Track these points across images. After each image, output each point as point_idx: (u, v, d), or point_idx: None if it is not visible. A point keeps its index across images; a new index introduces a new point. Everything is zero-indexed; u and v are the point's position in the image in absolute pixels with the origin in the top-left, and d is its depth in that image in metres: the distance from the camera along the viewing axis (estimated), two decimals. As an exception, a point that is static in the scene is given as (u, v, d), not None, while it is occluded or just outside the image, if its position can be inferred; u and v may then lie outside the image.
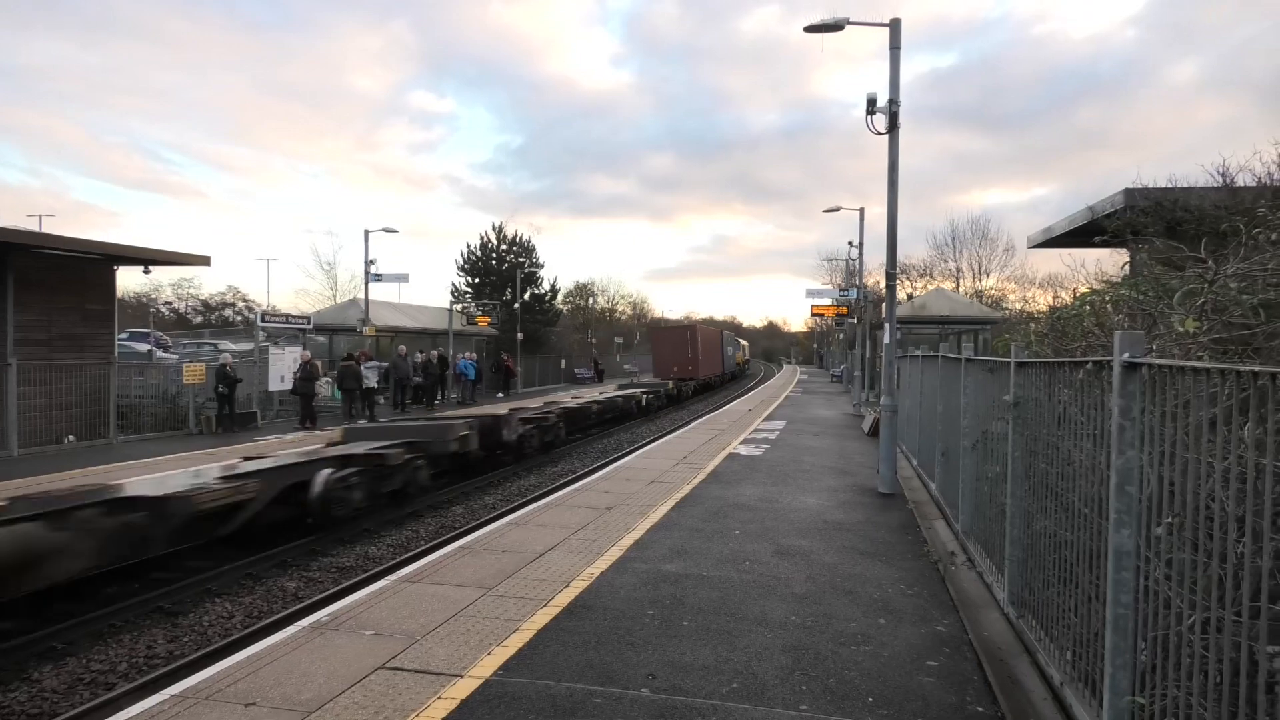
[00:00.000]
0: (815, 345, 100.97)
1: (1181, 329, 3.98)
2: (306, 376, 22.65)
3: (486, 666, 5.18)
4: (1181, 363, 3.14)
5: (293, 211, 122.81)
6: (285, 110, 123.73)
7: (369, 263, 32.25)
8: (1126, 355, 3.44)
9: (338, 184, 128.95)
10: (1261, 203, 5.01)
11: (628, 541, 8.50)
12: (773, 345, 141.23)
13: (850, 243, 34.44)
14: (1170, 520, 3.13)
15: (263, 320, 26.97)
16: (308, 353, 23.76)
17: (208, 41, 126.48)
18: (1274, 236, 4.07)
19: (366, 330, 30.72)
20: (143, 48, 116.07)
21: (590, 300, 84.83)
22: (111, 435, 19.13)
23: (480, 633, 5.80)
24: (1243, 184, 7.61)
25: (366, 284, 32.74)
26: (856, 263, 33.42)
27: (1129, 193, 9.86)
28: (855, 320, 34.72)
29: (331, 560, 10.57)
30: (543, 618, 6.12)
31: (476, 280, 59.82)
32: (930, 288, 48.26)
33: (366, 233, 32.10)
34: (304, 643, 5.65)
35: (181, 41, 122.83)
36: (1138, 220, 7.93)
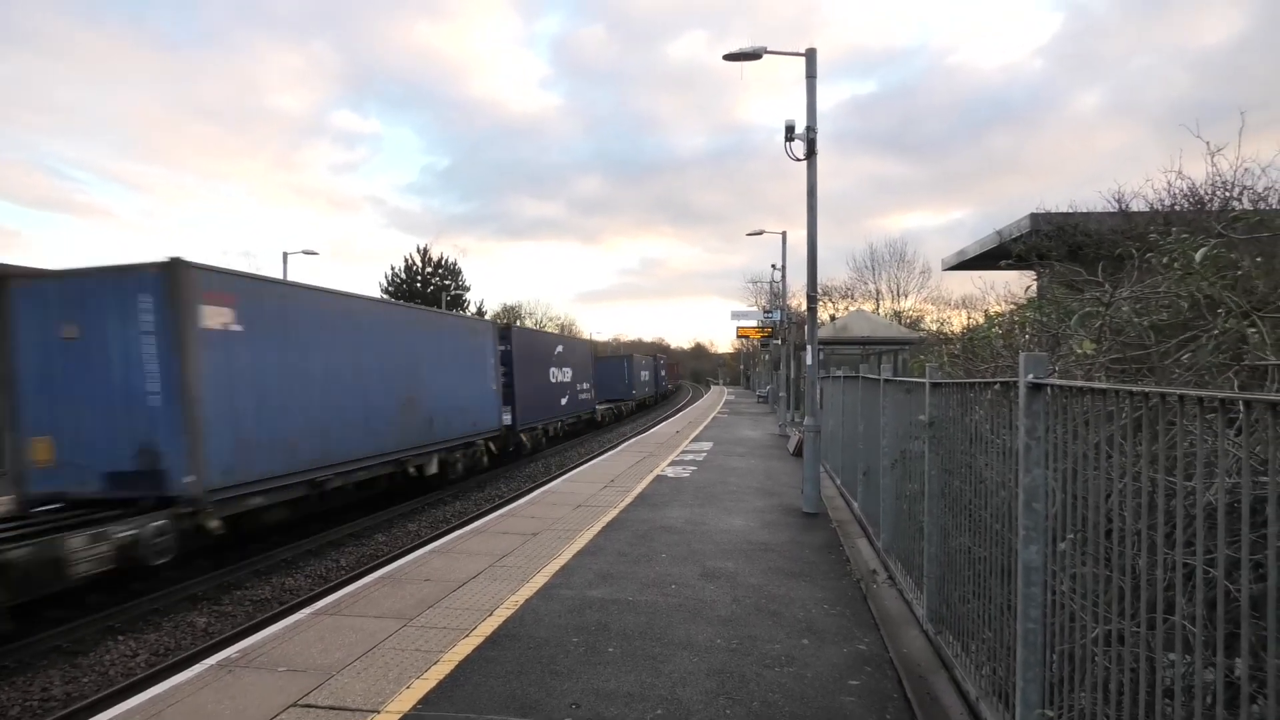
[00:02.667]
0: (742, 366, 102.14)
1: (1081, 350, 4.14)
2: None
3: (405, 700, 5.03)
4: (1082, 384, 3.26)
5: (207, 232, 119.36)
6: (199, 129, 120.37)
7: (288, 285, 31.41)
8: (1031, 376, 3.55)
9: (256, 204, 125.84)
10: (1152, 228, 5.27)
11: (553, 567, 8.40)
12: (700, 366, 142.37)
13: (774, 265, 35.07)
14: (1072, 536, 3.23)
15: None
16: None
17: (117, 58, 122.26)
18: (1164, 260, 4.28)
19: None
20: (47, 62, 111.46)
21: (518, 323, 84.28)
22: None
23: (399, 665, 5.63)
24: (1137, 209, 8.02)
25: (285, 307, 31.80)
26: (780, 285, 34.02)
27: (1034, 217, 10.28)
28: (779, 341, 35.30)
29: (245, 593, 10.18)
30: (465, 648, 5.99)
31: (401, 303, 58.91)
32: (851, 309, 49.40)
33: (285, 255, 31.32)
34: (211, 681, 5.41)
35: (89, 57, 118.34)
36: (1043, 244, 8.27)
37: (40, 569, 8.18)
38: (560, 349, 28.94)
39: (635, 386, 47.48)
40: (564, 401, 28.83)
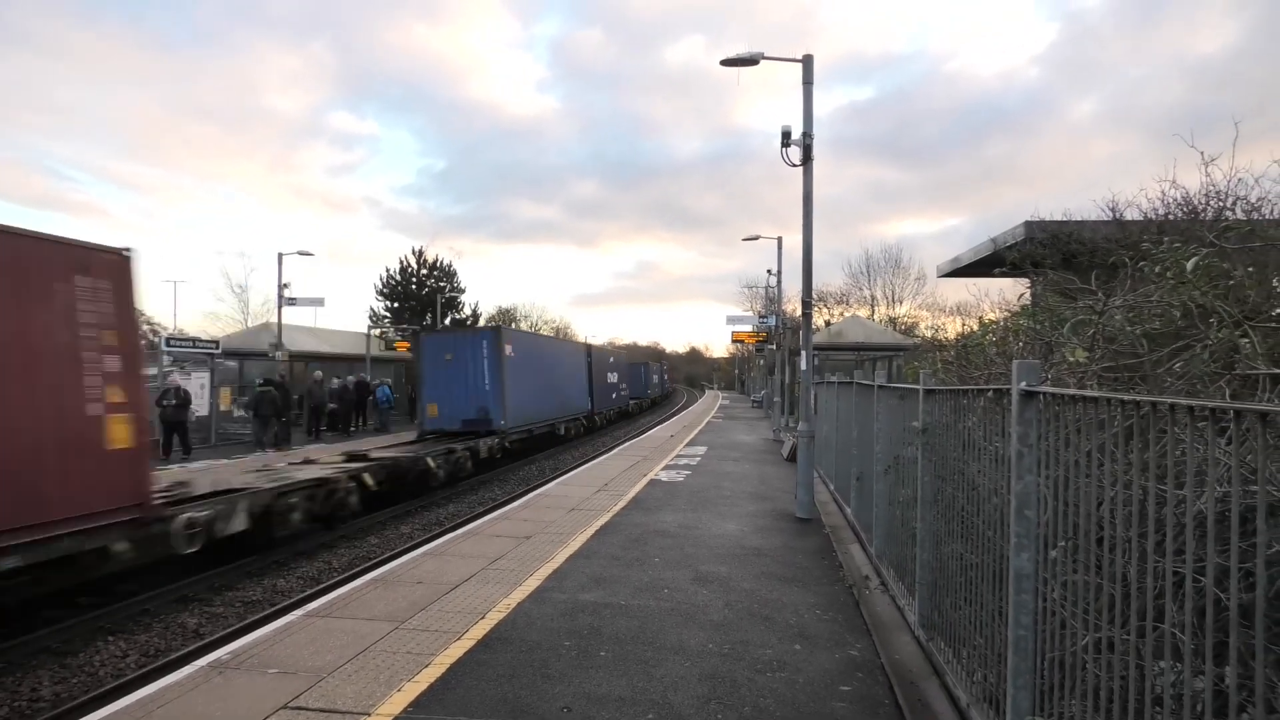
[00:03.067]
0: (737, 371, 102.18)
1: (1073, 358, 4.16)
2: (182, 403, 21.68)
3: (396, 703, 5.02)
4: (1074, 391, 3.27)
5: (203, 233, 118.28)
6: (196, 129, 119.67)
7: (283, 286, 31.39)
8: (1023, 384, 3.56)
9: (253, 205, 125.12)
10: (1146, 237, 5.29)
11: (546, 571, 8.39)
12: (695, 371, 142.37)
13: (769, 271, 35.09)
14: (1063, 543, 3.23)
15: (167, 344, 25.89)
16: (176, 378, 22.77)
17: (114, 58, 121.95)
18: (1157, 269, 4.30)
19: (280, 355, 29.81)
20: (43, 62, 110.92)
21: (513, 325, 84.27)
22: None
23: (391, 668, 5.62)
24: (1131, 218, 8.05)
25: (280, 308, 31.82)
26: (776, 290, 34.04)
27: (1029, 225, 10.31)
28: (774, 347, 35.32)
29: (236, 594, 10.15)
30: (457, 651, 5.98)
31: (396, 305, 58.82)
32: (847, 315, 49.46)
33: (280, 255, 31.30)
34: (202, 683, 5.39)
35: (87, 57, 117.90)
36: (1037, 252, 8.30)
37: (471, 454, 19.08)
38: (612, 359, 42.51)
39: (650, 387, 63.83)
40: (614, 396, 41.31)
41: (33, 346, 7.60)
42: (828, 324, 41.70)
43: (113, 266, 8.59)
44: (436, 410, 21.45)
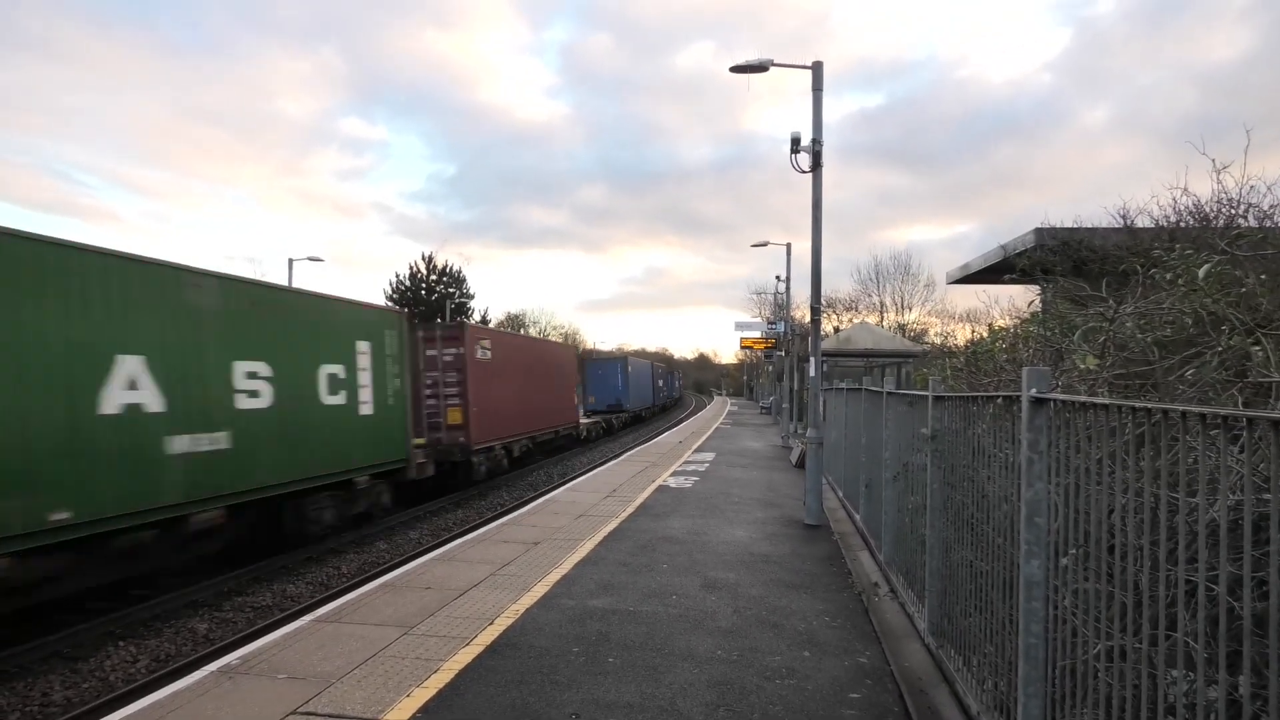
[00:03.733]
0: (745, 377, 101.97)
1: (1084, 365, 4.14)
2: None
3: (405, 709, 5.02)
4: (1085, 398, 3.26)
5: (213, 237, 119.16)
6: (206, 134, 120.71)
7: (294, 292, 31.54)
8: (1034, 391, 3.55)
9: (262, 210, 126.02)
10: (1157, 244, 5.27)
11: (555, 577, 8.39)
12: (703, 377, 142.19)
13: (778, 277, 35.07)
14: (1074, 551, 3.22)
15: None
16: None
17: (125, 64, 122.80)
18: (1168, 277, 4.29)
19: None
20: (53, 67, 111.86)
21: (522, 331, 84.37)
22: None
23: (399, 674, 5.63)
24: (1142, 225, 8.01)
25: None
26: (784, 296, 34.01)
27: (1039, 232, 10.28)
28: (783, 353, 35.27)
29: (246, 599, 10.18)
30: (465, 656, 5.98)
31: (406, 310, 59.02)
32: (855, 321, 49.36)
33: (290, 261, 31.49)
34: (212, 688, 5.41)
35: (97, 63, 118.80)
36: (1047, 259, 8.27)
37: (620, 421, 43.84)
38: (660, 369, 63.15)
39: (674, 390, 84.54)
40: (660, 395, 62.75)
41: (563, 381, 29.57)
42: (837, 330, 41.64)
43: (573, 350, 38.55)
44: (594, 399, 42.34)
